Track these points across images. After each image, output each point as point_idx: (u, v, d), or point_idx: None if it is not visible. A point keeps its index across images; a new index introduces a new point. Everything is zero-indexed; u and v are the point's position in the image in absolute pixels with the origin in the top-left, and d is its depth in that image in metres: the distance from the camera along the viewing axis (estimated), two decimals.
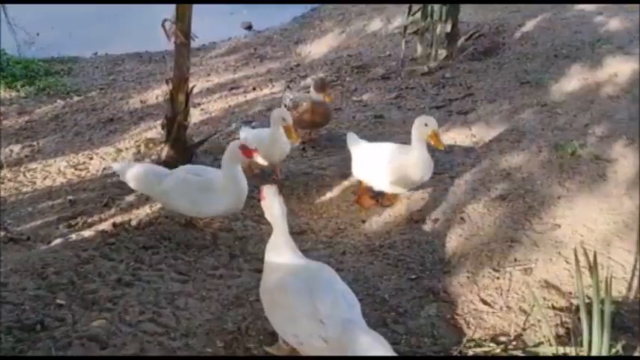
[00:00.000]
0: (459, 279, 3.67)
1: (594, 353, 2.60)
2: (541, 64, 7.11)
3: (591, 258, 2.89)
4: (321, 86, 5.40)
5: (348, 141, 4.81)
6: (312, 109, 5.46)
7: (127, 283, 3.69)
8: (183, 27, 4.90)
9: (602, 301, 2.74)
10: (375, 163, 4.46)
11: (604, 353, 2.59)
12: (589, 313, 2.67)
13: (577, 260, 2.84)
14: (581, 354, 2.68)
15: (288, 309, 2.69)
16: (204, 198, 4.04)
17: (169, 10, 5.04)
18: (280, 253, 2.90)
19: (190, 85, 5.30)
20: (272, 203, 2.91)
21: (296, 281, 2.73)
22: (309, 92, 5.65)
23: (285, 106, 5.66)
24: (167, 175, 4.20)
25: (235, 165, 3.99)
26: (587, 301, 2.87)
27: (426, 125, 4.15)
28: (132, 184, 4.33)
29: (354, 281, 3.64)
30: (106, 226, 4.41)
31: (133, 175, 4.27)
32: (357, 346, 2.40)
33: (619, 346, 2.75)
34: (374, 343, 2.40)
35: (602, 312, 2.62)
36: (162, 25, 4.94)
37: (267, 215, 2.97)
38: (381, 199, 4.72)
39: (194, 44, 10.29)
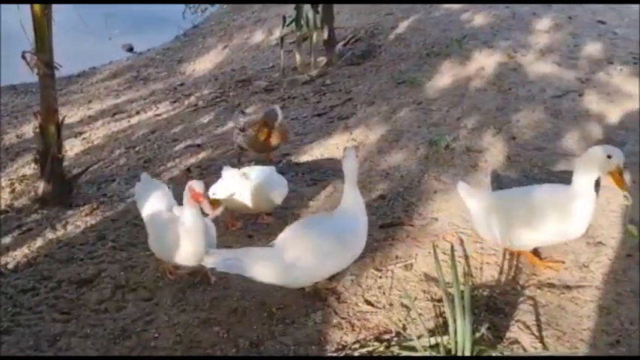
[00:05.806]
0: (343, 283, 3.75)
1: (459, 339, 2.74)
2: (414, 64, 7.40)
3: (465, 248, 3.05)
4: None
5: (461, 193, 3.89)
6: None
7: (5, 331, 3.53)
8: (44, 57, 4.75)
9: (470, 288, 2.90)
10: (514, 216, 3.57)
11: (467, 338, 2.73)
12: (452, 301, 2.81)
13: (435, 253, 2.99)
14: (448, 341, 2.82)
15: None
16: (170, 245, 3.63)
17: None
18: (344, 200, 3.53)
19: (61, 116, 5.13)
20: (348, 160, 3.46)
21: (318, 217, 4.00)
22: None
23: (240, 128, 5.33)
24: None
25: (191, 208, 3.48)
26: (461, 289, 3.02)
27: (609, 157, 3.26)
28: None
29: (241, 298, 3.65)
30: None
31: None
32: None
33: (483, 329, 2.92)
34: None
35: (462, 299, 2.76)
36: (23, 57, 4.77)
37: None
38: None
39: (73, 71, 10.06)
